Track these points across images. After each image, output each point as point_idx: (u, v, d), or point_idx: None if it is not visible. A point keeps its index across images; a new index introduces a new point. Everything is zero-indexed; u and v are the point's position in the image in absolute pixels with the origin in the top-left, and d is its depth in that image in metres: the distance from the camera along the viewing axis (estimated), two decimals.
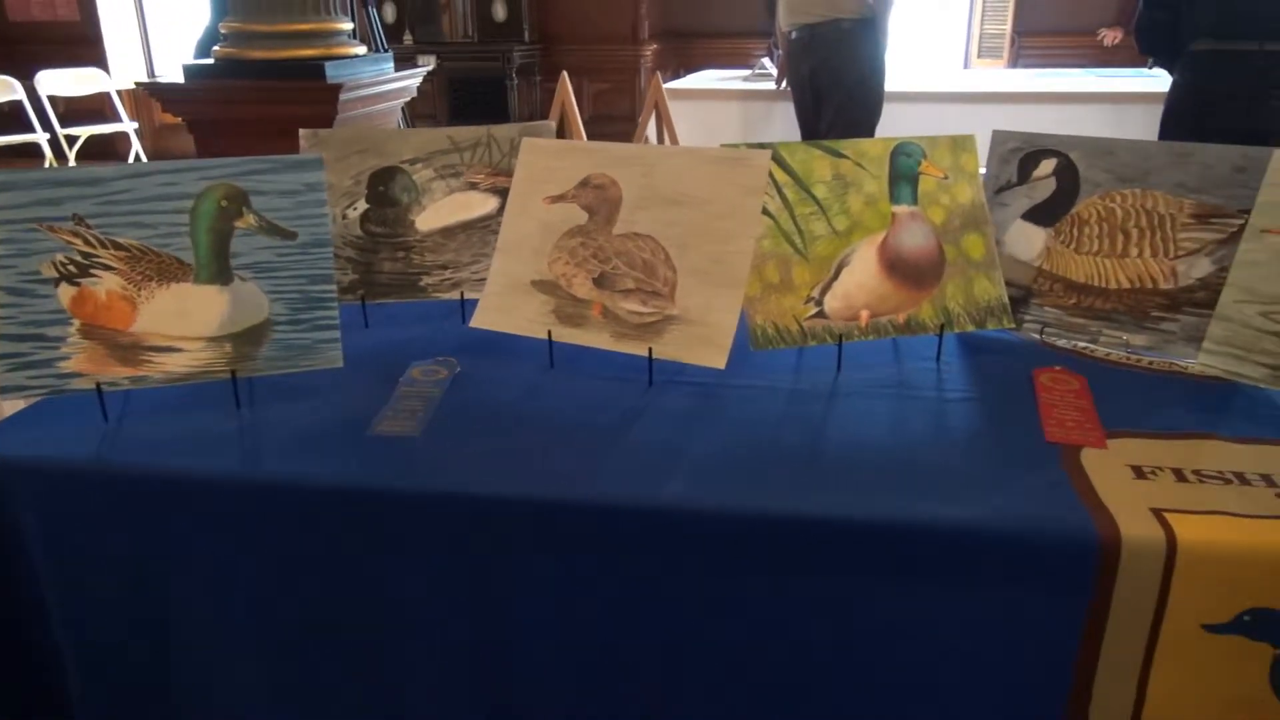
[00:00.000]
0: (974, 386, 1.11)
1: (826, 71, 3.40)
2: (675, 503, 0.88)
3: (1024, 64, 6.05)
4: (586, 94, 6.26)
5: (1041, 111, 4.02)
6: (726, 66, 5.17)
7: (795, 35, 3.44)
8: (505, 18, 6.03)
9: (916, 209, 1.18)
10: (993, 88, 4.31)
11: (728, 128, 4.06)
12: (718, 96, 4.18)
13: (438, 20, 6.14)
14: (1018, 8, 6.09)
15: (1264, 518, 0.82)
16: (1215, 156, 1.14)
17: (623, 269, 1.12)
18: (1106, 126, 3.79)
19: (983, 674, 0.87)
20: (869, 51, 3.38)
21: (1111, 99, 4.04)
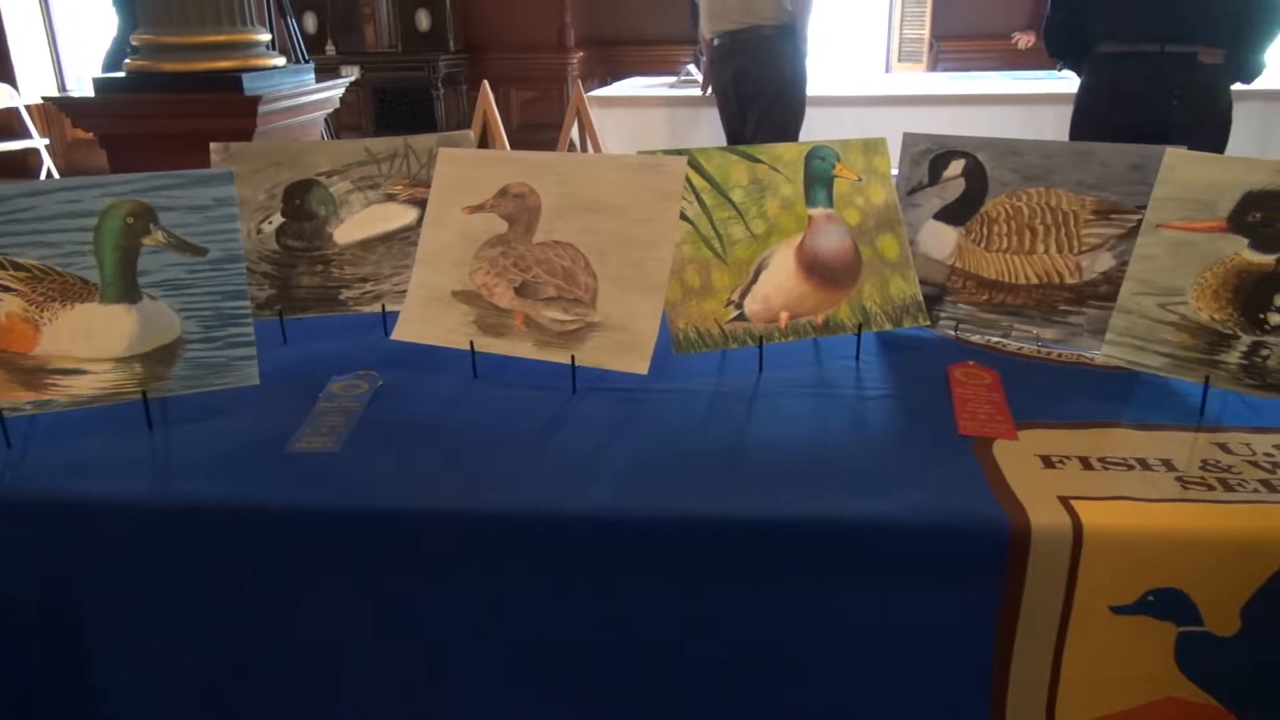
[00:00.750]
0: (891, 384, 1.13)
1: (749, 78, 3.44)
2: (599, 509, 0.88)
3: (943, 67, 6.20)
4: (514, 102, 6.24)
5: (960, 114, 4.12)
6: (654, 74, 5.20)
7: (717, 42, 3.48)
8: (429, 27, 5.98)
9: (832, 211, 1.20)
10: (913, 91, 4.40)
11: (655, 134, 4.09)
12: (644, 104, 4.20)
13: (361, 30, 6.06)
14: (935, 13, 6.24)
15: (1164, 501, 0.85)
16: (1113, 155, 1.18)
17: (544, 277, 1.12)
18: (1021, 127, 3.90)
19: (907, 663, 0.88)
20: (790, 57, 3.43)
21: (1026, 100, 4.15)
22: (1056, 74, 4.46)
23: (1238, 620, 0.82)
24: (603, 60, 6.44)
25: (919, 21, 6.24)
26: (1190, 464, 0.91)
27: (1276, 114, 3.80)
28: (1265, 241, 1.00)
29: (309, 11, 5.95)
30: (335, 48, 6.05)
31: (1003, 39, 6.02)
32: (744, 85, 3.48)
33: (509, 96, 6.20)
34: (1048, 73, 4.65)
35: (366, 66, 6.03)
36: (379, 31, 6.10)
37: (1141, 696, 0.86)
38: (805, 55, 3.51)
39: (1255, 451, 0.93)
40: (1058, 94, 4.00)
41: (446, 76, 6.02)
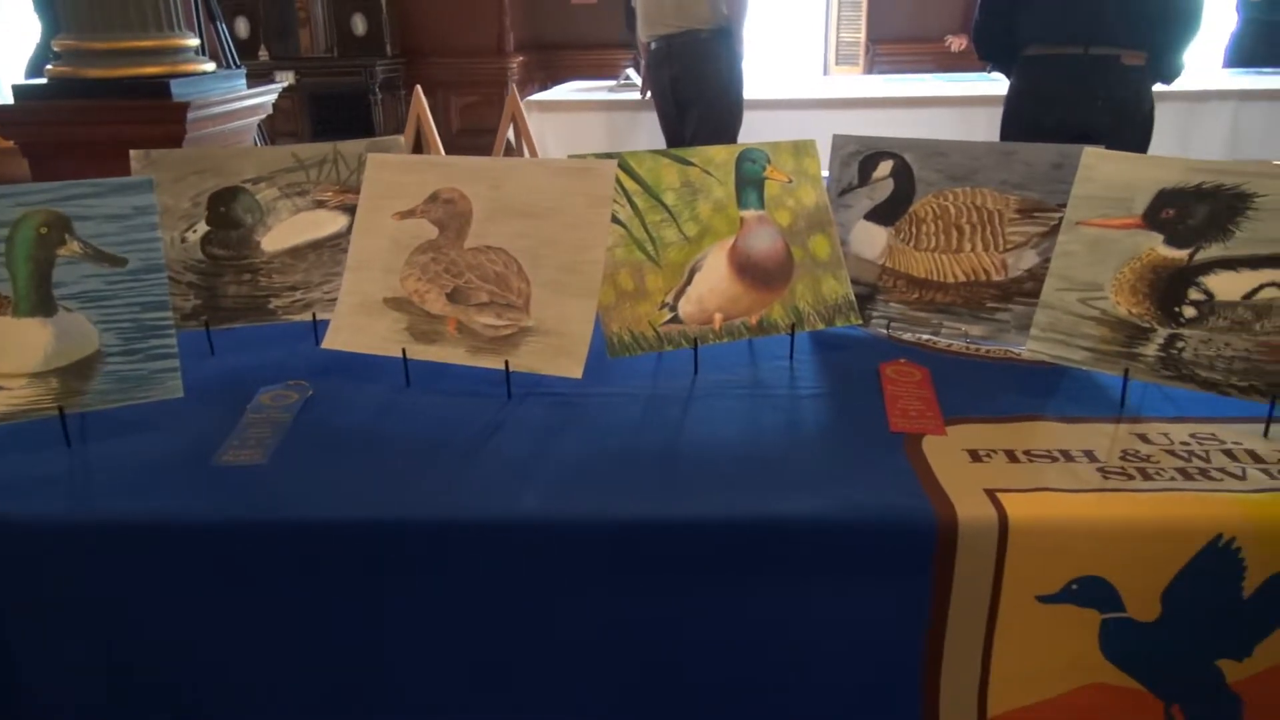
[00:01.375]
0: (825, 382, 1.15)
1: (687, 81, 3.46)
2: (535, 515, 0.87)
3: (879, 70, 6.30)
4: (454, 107, 6.19)
5: (895, 115, 4.18)
6: (594, 77, 5.20)
7: (654, 46, 3.49)
8: (366, 31, 5.90)
9: (764, 213, 1.21)
10: (849, 94, 4.46)
11: (594, 138, 4.09)
12: (584, 108, 4.20)
13: (295, 35, 5.95)
14: (870, 17, 6.34)
15: (1086, 491, 0.87)
16: (1035, 155, 1.21)
17: (476, 283, 1.12)
18: (955, 128, 3.98)
19: (841, 658, 0.89)
20: (727, 61, 3.46)
21: (959, 102, 4.23)
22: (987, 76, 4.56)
23: (1158, 605, 0.85)
24: (543, 64, 6.42)
25: (855, 25, 6.34)
26: (1111, 454, 0.93)
27: (1196, 114, 3.93)
28: (1178, 237, 1.03)
29: (240, 16, 5.83)
30: (269, 53, 5.94)
31: (936, 42, 6.14)
32: (682, 89, 3.49)
33: (448, 101, 6.15)
34: (980, 75, 4.74)
35: (302, 72, 5.93)
36: (315, 36, 6.01)
37: (1069, 683, 0.88)
38: (742, 58, 3.54)
39: (1173, 441, 0.96)
40: (989, 96, 4.08)
41: (384, 81, 5.95)
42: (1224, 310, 1.00)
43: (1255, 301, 0.99)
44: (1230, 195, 1.02)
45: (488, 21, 6.06)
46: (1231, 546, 0.82)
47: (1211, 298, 1.01)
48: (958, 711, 0.89)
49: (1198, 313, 1.01)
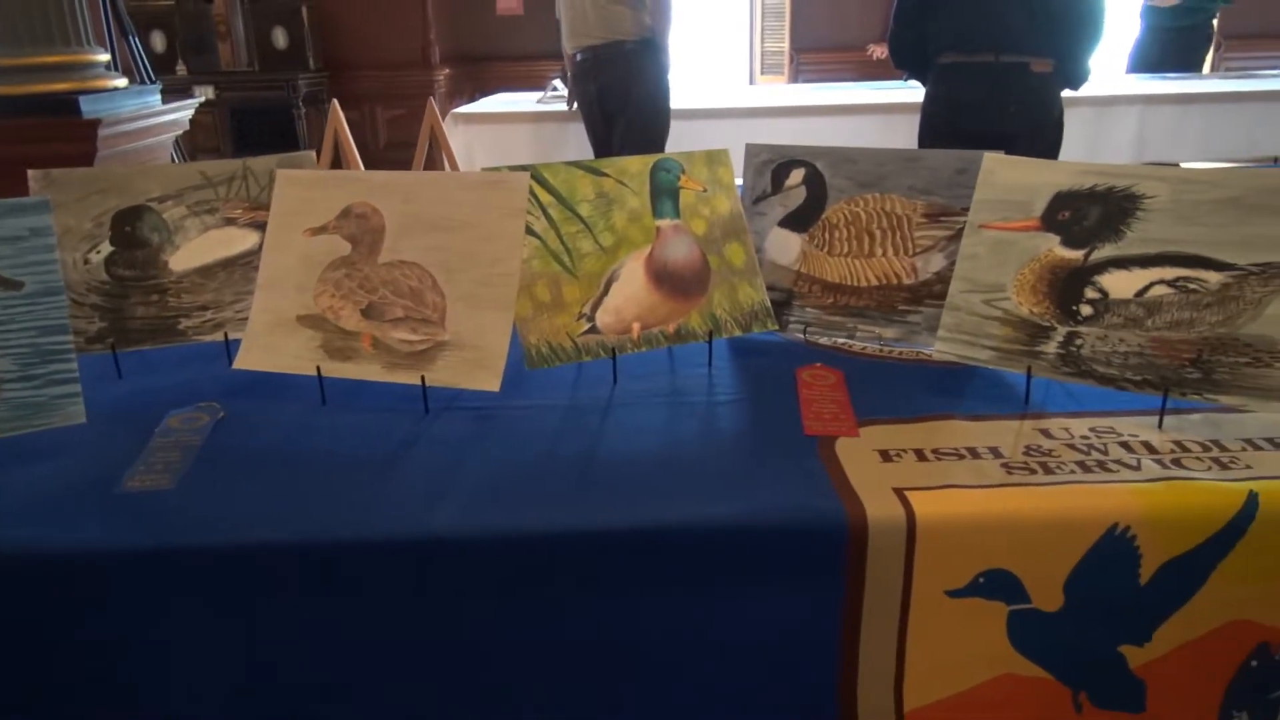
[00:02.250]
0: (742, 388, 1.16)
1: (613, 92, 3.48)
2: (447, 529, 0.87)
3: (803, 79, 6.40)
4: (380, 121, 6.13)
5: (819, 123, 4.25)
6: (523, 89, 5.19)
7: (580, 58, 3.50)
8: (287, 45, 5.81)
9: (679, 222, 1.22)
10: (774, 102, 4.52)
11: (523, 150, 4.08)
12: (511, 120, 4.18)
13: (214, 49, 5.83)
14: (793, 27, 6.44)
15: (990, 487, 0.90)
16: (939, 160, 1.24)
17: (391, 298, 1.11)
18: (877, 135, 4.07)
19: (760, 658, 0.90)
20: (652, 71, 3.48)
21: (881, 109, 4.32)
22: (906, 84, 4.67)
23: (1061, 595, 0.87)
24: (470, 77, 6.39)
25: (779, 35, 6.44)
26: (1015, 450, 0.96)
27: (1105, 118, 4.07)
28: (1074, 238, 1.07)
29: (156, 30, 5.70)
30: (187, 67, 5.81)
31: (859, 51, 6.27)
32: (608, 100, 3.51)
33: (375, 115, 6.09)
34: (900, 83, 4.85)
35: (222, 86, 5.81)
36: (236, 50, 5.90)
37: (981, 675, 0.90)
38: (667, 69, 3.56)
39: (1073, 435, 0.99)
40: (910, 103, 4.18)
41: (308, 95, 5.86)
42: (1118, 308, 1.04)
43: (1146, 299, 1.03)
44: (1121, 197, 1.06)
45: (412, 34, 6.02)
46: (1127, 535, 0.85)
47: (1106, 296, 1.05)
48: (875, 708, 0.90)
49: (1094, 311, 1.05)
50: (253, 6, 5.80)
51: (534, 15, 6.19)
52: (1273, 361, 0.96)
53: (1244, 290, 0.98)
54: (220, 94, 5.77)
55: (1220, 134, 4.20)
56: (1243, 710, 0.92)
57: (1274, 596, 0.88)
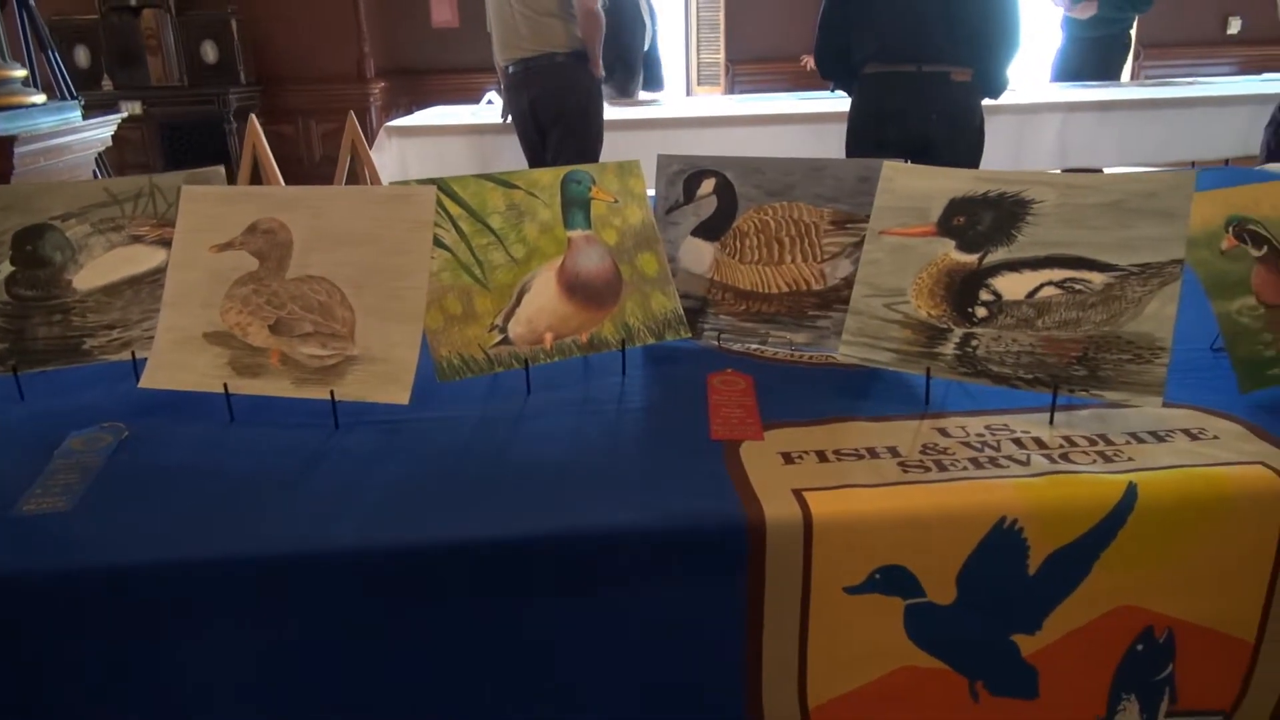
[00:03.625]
0: (654, 395, 1.18)
1: (546, 104, 3.49)
2: (351, 543, 0.87)
3: (739, 89, 6.48)
4: (315, 135, 6.06)
5: (753, 133, 4.31)
6: (459, 101, 5.18)
7: (512, 70, 3.50)
8: (217, 59, 5.72)
9: (591, 233, 1.24)
10: (710, 112, 4.57)
11: (459, 163, 4.06)
12: (447, 132, 4.17)
13: (142, 64, 5.72)
14: (728, 39, 6.52)
15: (885, 485, 0.92)
16: (844, 169, 1.27)
17: (299, 313, 1.10)
18: (810, 144, 4.13)
19: (667, 661, 0.92)
20: (585, 83, 3.50)
21: (813, 119, 4.39)
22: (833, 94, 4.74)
23: (954, 588, 0.90)
24: (406, 89, 6.36)
25: (714, 47, 6.51)
26: (912, 449, 0.99)
27: (1028, 126, 4.19)
28: (969, 243, 1.11)
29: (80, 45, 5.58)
30: (113, 83, 5.69)
31: (793, 61, 6.36)
32: (542, 112, 3.51)
33: (309, 129, 6.02)
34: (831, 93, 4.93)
35: (150, 101, 5.70)
36: (166, 65, 5.79)
37: (881, 669, 0.92)
38: (600, 80, 3.59)
39: (969, 433, 1.03)
40: (839, 112, 4.25)
41: (240, 109, 5.78)
42: (1010, 309, 1.07)
43: (1036, 300, 1.06)
44: (1012, 202, 1.10)
45: (346, 47, 5.97)
46: (1014, 528, 0.88)
47: (999, 298, 1.08)
48: (780, 706, 0.92)
49: (988, 312, 1.08)
50: (181, 20, 5.70)
51: (470, 27, 6.17)
52: (1152, 358, 1.00)
53: (1125, 290, 1.03)
54: (149, 109, 5.66)
55: (1138, 140, 4.34)
56: (1131, 692, 0.95)
57: (1156, 582, 0.92)
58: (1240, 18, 6.91)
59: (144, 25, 5.74)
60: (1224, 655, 0.95)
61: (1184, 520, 0.90)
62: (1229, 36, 6.95)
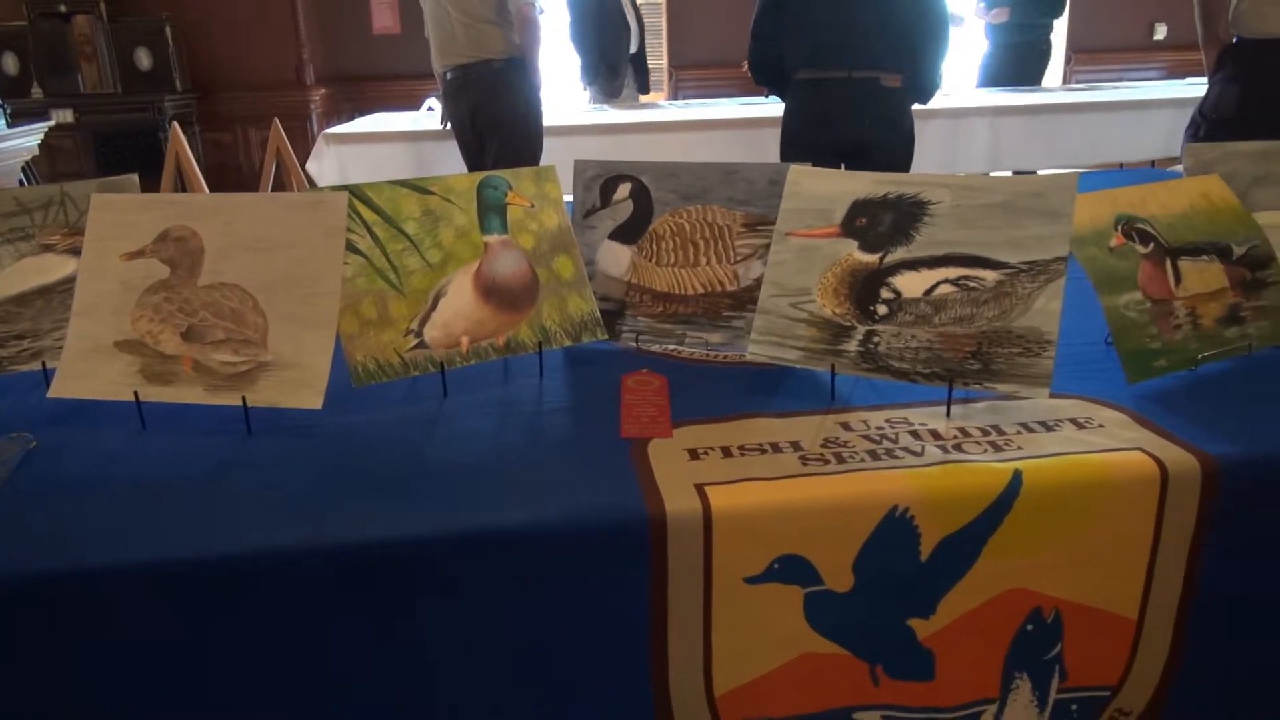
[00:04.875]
0: (570, 396, 1.20)
1: (484, 111, 3.49)
2: (257, 548, 0.87)
3: (683, 95, 6.53)
4: (254, 142, 5.98)
5: (694, 138, 4.35)
6: (401, 108, 5.16)
7: (449, 76, 3.51)
8: (152, 66, 5.63)
9: (507, 237, 1.25)
10: (652, 118, 4.61)
11: (399, 169, 4.05)
12: (385, 139, 4.15)
13: (74, 71, 5.61)
14: (671, 45, 6.58)
15: (785, 478, 0.95)
16: (755, 173, 1.31)
17: (211, 320, 1.11)
18: (749, 149, 4.18)
19: (575, 658, 0.94)
20: (522, 89, 3.51)
21: (752, 124, 4.45)
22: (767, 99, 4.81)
23: (851, 576, 0.93)
24: (348, 96, 6.31)
25: (657, 53, 6.55)
26: (814, 443, 1.02)
27: (960, 130, 4.28)
28: (870, 243, 1.15)
29: (8, 52, 5.45)
30: (43, 90, 5.57)
31: (735, 67, 6.41)
32: (480, 118, 3.52)
33: (248, 136, 5.95)
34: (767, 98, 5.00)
35: (83, 109, 5.59)
36: (101, 72, 5.68)
37: (783, 656, 0.95)
38: (538, 87, 3.60)
39: (870, 426, 1.06)
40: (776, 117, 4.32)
41: (176, 117, 5.68)
42: (909, 306, 1.11)
43: (933, 297, 1.10)
44: (910, 203, 1.14)
45: (285, 53, 5.91)
46: (906, 516, 0.92)
47: (899, 296, 1.12)
48: (687, 697, 0.95)
49: (889, 310, 1.12)
50: (113, 26, 5.60)
51: (412, 34, 6.14)
52: (1040, 351, 1.04)
53: (1015, 286, 1.07)
54: (81, 117, 5.55)
55: (1067, 142, 4.46)
56: (1022, 671, 0.99)
57: (1042, 565, 0.96)
58: (1166, 24, 7.13)
59: (77, 31, 5.63)
60: (1109, 633, 1.00)
61: (1067, 505, 0.95)
62: (1156, 42, 7.17)
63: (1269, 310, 1.24)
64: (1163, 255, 1.20)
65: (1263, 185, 1.40)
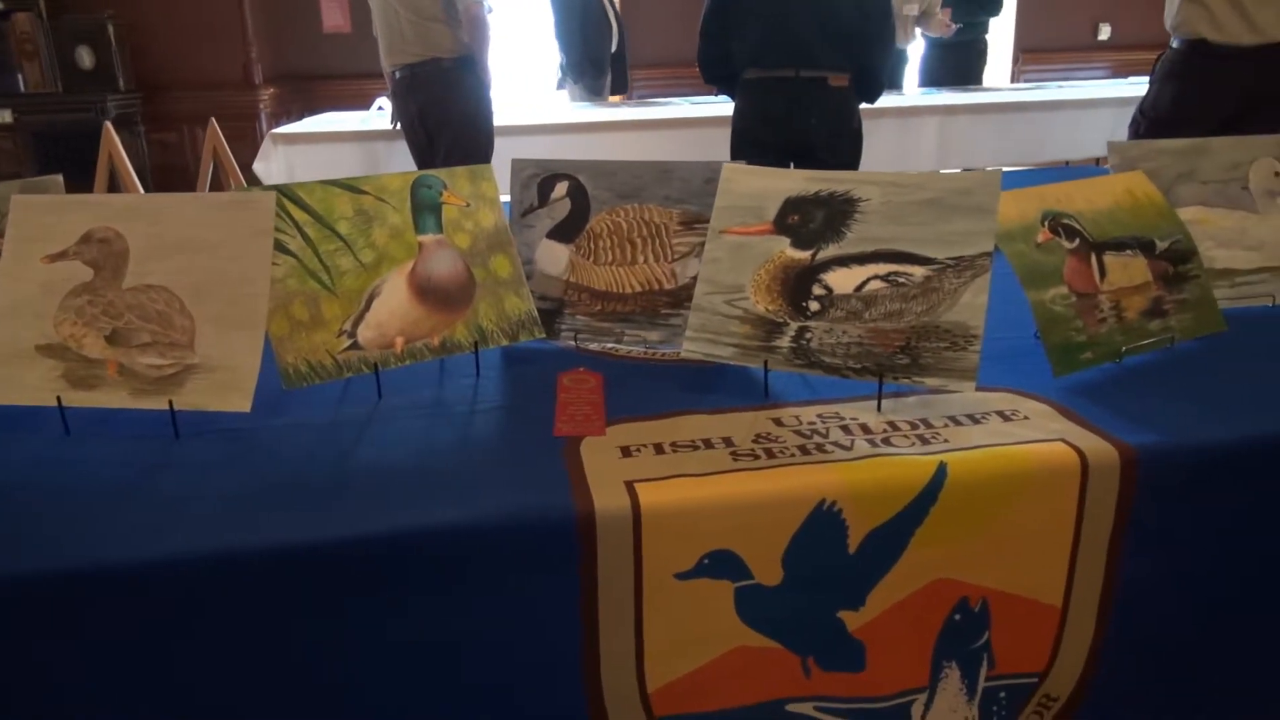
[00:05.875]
0: (507, 396, 1.19)
1: (434, 110, 3.47)
2: (182, 553, 0.86)
3: (638, 94, 6.53)
4: (201, 142, 5.87)
5: (644, 138, 4.36)
6: (352, 108, 5.10)
7: (398, 75, 3.48)
8: (94, 65, 5.50)
9: (442, 237, 1.25)
10: (601, 119, 4.60)
11: (348, 170, 3.98)
12: (335, 139, 4.11)
13: (14, 70, 5.47)
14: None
15: (715, 474, 0.96)
16: (690, 171, 1.31)
17: (137, 323, 1.09)
18: (698, 148, 4.20)
19: (511, 654, 0.93)
20: (472, 88, 3.49)
21: (701, 123, 4.47)
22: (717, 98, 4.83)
23: (780, 570, 0.94)
24: (298, 96, 6.23)
25: None
26: (746, 439, 1.03)
27: (908, 129, 4.34)
28: (802, 240, 1.16)
29: None
30: None
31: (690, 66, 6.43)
32: (429, 117, 3.50)
33: (195, 136, 5.83)
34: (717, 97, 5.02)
35: (23, 109, 5.46)
36: (42, 71, 5.55)
37: (715, 650, 0.96)
38: (488, 86, 3.58)
39: (801, 421, 1.07)
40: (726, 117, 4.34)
41: (119, 117, 5.57)
42: (840, 302, 1.13)
43: (864, 293, 1.12)
44: (841, 200, 1.15)
45: (232, 52, 5.82)
46: (834, 509, 0.93)
47: (831, 292, 1.13)
48: (619, 693, 0.95)
49: (820, 306, 1.13)
50: (53, 24, 5.47)
51: (363, 33, 6.05)
52: (966, 345, 1.06)
53: (943, 282, 1.09)
54: (20, 118, 5.42)
55: (1014, 141, 4.54)
56: (951, 660, 1.01)
57: (968, 555, 0.98)
58: (1110, 25, 7.27)
59: (17, 29, 5.49)
60: (1035, 621, 1.02)
61: (990, 496, 0.96)
62: (1100, 42, 7.31)
63: (1191, 303, 1.27)
64: (1088, 250, 1.22)
65: (1186, 181, 1.44)
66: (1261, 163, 1.46)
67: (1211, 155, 1.46)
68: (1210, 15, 2.40)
